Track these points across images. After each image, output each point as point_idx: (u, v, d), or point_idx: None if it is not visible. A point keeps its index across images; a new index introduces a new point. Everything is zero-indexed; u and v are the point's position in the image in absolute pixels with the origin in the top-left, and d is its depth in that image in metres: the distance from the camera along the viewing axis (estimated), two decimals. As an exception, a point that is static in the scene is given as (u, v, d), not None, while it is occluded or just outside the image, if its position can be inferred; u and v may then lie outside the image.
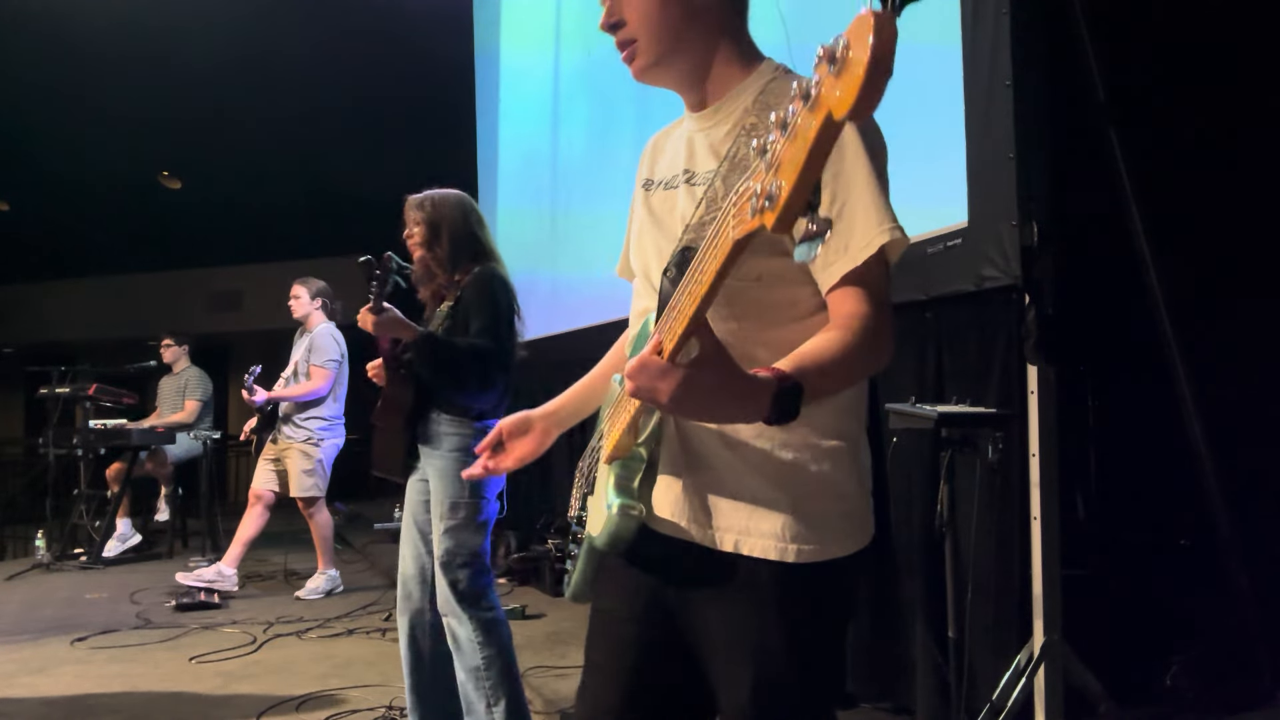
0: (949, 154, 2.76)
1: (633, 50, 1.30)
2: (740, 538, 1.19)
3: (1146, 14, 2.96)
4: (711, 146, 1.29)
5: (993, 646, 2.71)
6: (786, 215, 0.78)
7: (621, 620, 1.32)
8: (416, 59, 7.34)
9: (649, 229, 1.36)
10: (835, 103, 0.72)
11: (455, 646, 2.63)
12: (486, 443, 1.55)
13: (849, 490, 1.23)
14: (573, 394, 1.57)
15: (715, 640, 1.22)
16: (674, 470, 1.23)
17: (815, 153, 0.75)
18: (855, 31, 0.70)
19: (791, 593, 1.18)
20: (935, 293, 2.84)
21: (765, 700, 1.18)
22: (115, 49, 7.08)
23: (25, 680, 3.80)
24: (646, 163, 1.45)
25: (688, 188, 1.30)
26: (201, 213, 10.46)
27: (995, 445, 2.54)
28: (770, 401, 0.99)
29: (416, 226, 2.80)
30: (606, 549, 1.23)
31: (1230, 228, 2.96)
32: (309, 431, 5.42)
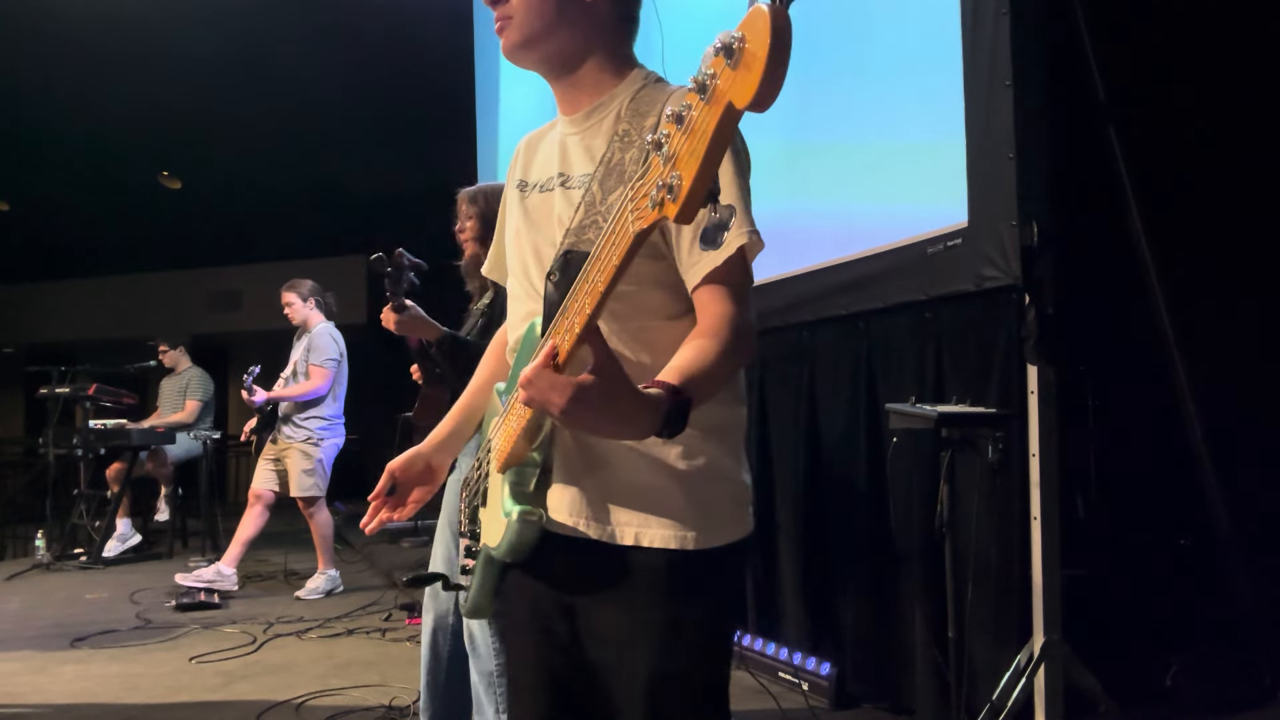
0: (949, 154, 2.76)
1: (506, 26, 1.31)
2: (640, 530, 1.21)
3: (1146, 14, 2.96)
4: (586, 150, 1.31)
5: (993, 647, 2.71)
6: (689, 205, 0.79)
7: (528, 630, 1.33)
8: (417, 58, 7.34)
9: (525, 231, 1.37)
10: (736, 94, 0.74)
11: (472, 648, 2.61)
12: (380, 489, 1.49)
13: (737, 475, 1.27)
14: (455, 415, 1.56)
15: (614, 635, 1.24)
16: (570, 471, 1.25)
17: (715, 143, 0.77)
18: (751, 26, 0.73)
19: (689, 580, 1.21)
20: (935, 293, 2.84)
21: (664, 688, 1.20)
22: (114, 48, 7.07)
23: (25, 680, 3.80)
24: (520, 164, 1.45)
25: (563, 190, 1.32)
26: (201, 213, 10.45)
27: (995, 445, 2.54)
28: (663, 418, 1.01)
29: (469, 220, 2.76)
30: (509, 558, 1.24)
31: (1230, 227, 2.96)
32: (309, 431, 5.42)
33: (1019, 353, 2.63)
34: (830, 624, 3.32)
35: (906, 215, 2.95)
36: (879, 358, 3.15)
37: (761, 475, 3.69)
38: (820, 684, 3.22)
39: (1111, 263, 2.89)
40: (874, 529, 3.10)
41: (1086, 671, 2.57)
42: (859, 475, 3.17)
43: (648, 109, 1.24)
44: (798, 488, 3.46)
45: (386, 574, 5.79)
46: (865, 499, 3.14)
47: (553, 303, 1.11)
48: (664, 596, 1.21)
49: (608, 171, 1.23)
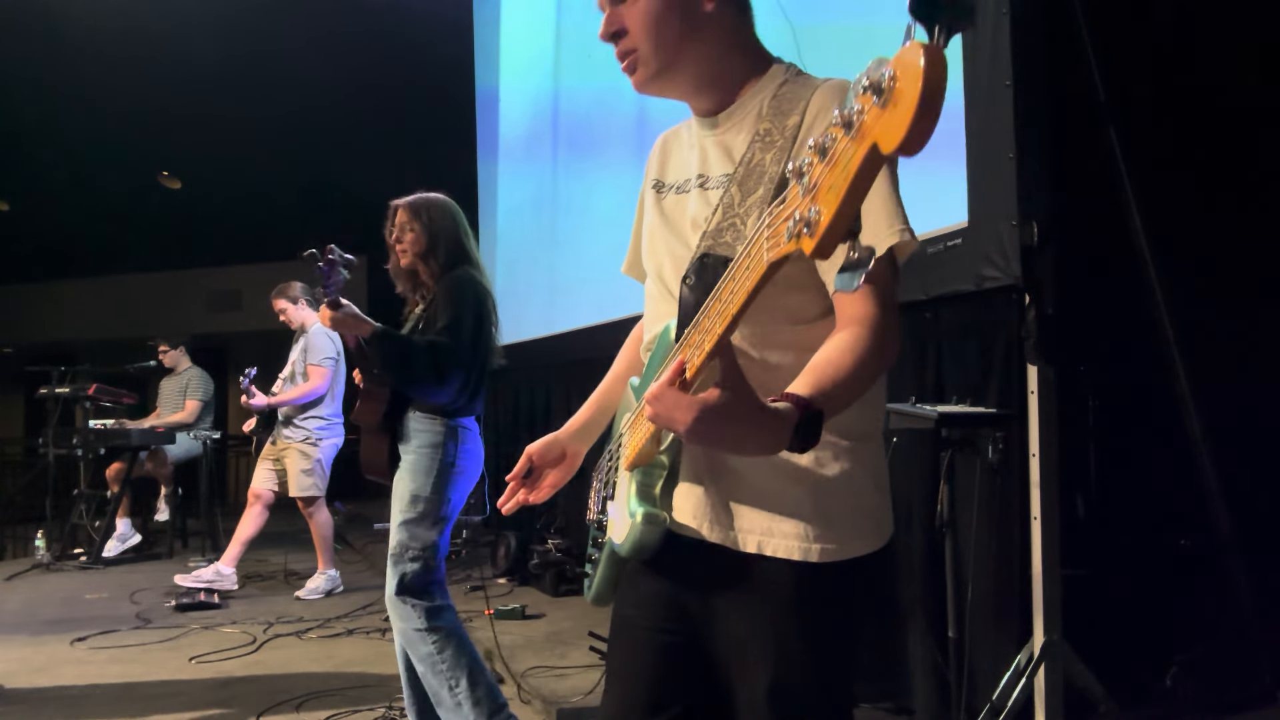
0: (949, 154, 2.76)
1: (633, 60, 1.27)
2: (763, 539, 1.19)
3: (1146, 14, 2.96)
4: (725, 151, 1.27)
5: (993, 646, 2.71)
6: (827, 242, 0.76)
7: (642, 629, 1.31)
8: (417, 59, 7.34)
9: (661, 232, 1.34)
10: (882, 136, 0.69)
11: (404, 640, 2.65)
12: (517, 471, 1.50)
13: (868, 488, 1.23)
14: (592, 404, 1.55)
15: (735, 642, 1.21)
16: (696, 475, 1.23)
17: (858, 183, 0.73)
18: (903, 64, 0.68)
19: (813, 593, 1.18)
20: (935, 293, 2.84)
21: (783, 701, 1.17)
22: (114, 48, 7.08)
23: (25, 680, 3.80)
24: (656, 163, 1.43)
25: (700, 191, 1.28)
26: (201, 213, 10.45)
27: (995, 445, 2.54)
28: (792, 433, 0.98)
29: (410, 233, 2.80)
30: (631, 556, 1.23)
31: (1230, 227, 2.96)
32: (307, 431, 5.42)
33: (1019, 353, 2.63)
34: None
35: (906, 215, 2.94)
36: (879, 358, 3.14)
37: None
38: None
39: (1111, 263, 2.89)
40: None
41: (1086, 671, 2.57)
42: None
43: (790, 107, 1.20)
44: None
45: (386, 574, 5.78)
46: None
47: (688, 307, 1.09)
48: (786, 607, 1.18)
49: (748, 172, 1.19)
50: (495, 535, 5.75)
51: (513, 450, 6.12)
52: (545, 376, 5.92)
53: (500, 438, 6.35)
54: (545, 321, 5.80)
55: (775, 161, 1.15)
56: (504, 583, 5.33)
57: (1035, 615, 2.58)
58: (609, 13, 1.27)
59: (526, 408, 6.23)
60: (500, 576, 5.39)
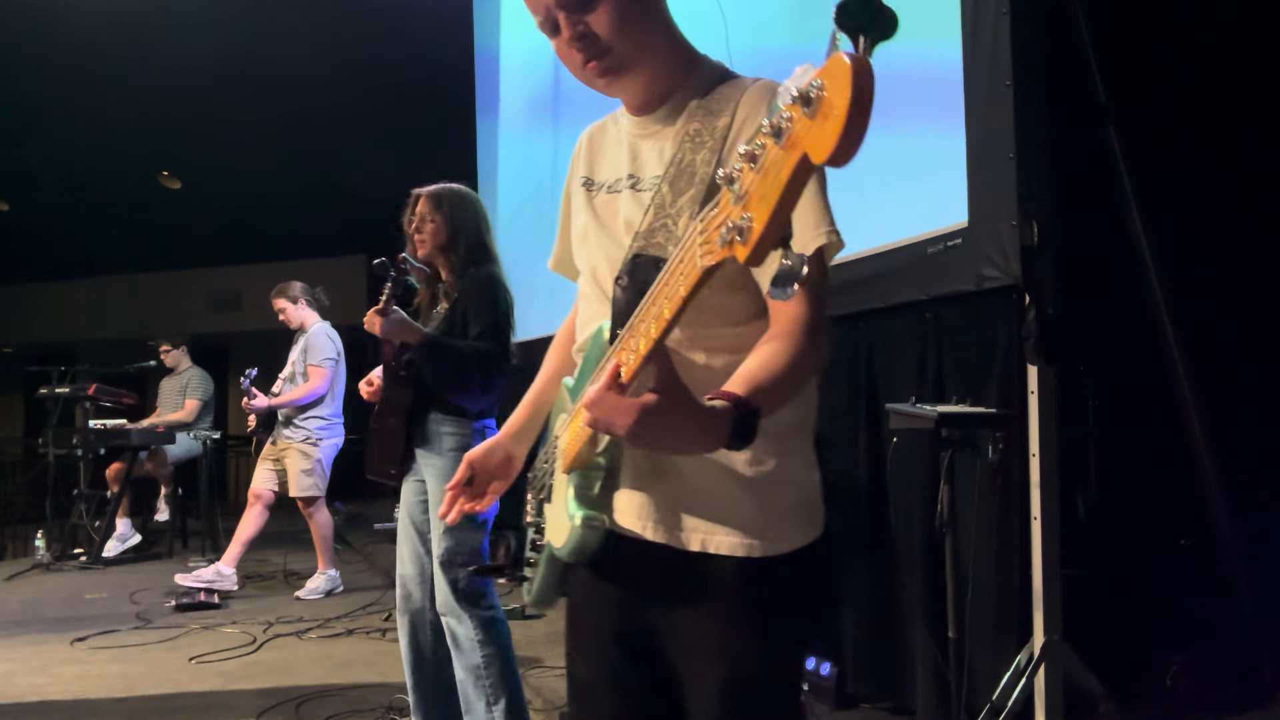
0: (949, 154, 2.76)
1: (608, 62, 1.23)
2: (706, 537, 1.20)
3: (1146, 14, 2.96)
4: (658, 152, 1.28)
5: (993, 646, 2.71)
6: (760, 250, 0.77)
7: (598, 631, 1.32)
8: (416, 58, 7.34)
9: (594, 232, 1.34)
10: (812, 147, 0.70)
11: (455, 646, 2.63)
12: (458, 479, 1.49)
13: (804, 480, 1.26)
14: (528, 405, 1.55)
15: (684, 641, 1.23)
16: (637, 476, 1.24)
17: (789, 192, 0.74)
18: (831, 75, 0.69)
19: (758, 587, 1.20)
20: (935, 293, 2.84)
21: (734, 695, 1.19)
22: (114, 49, 7.07)
23: (25, 680, 3.80)
24: (584, 159, 1.42)
25: (632, 193, 1.29)
26: (201, 213, 10.45)
27: (995, 445, 2.54)
28: (729, 431, 1.00)
29: (430, 224, 2.73)
30: (570, 559, 1.24)
31: (1230, 227, 2.96)
32: (307, 431, 5.42)
33: (1019, 353, 2.63)
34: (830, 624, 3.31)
35: (906, 215, 2.94)
36: (879, 358, 3.15)
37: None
38: (820, 684, 3.22)
39: (1111, 263, 2.89)
40: (874, 529, 3.10)
41: (1086, 671, 2.57)
42: (859, 475, 3.16)
43: (719, 108, 1.21)
44: (798, 488, 3.46)
45: (387, 574, 5.78)
46: (865, 499, 3.14)
47: (620, 307, 1.09)
48: (734, 603, 1.20)
49: (679, 173, 1.20)
50: (495, 535, 5.75)
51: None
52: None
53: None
54: (545, 321, 5.78)
55: (706, 162, 1.17)
56: (504, 583, 5.33)
57: (1035, 615, 2.58)
58: (566, 19, 1.22)
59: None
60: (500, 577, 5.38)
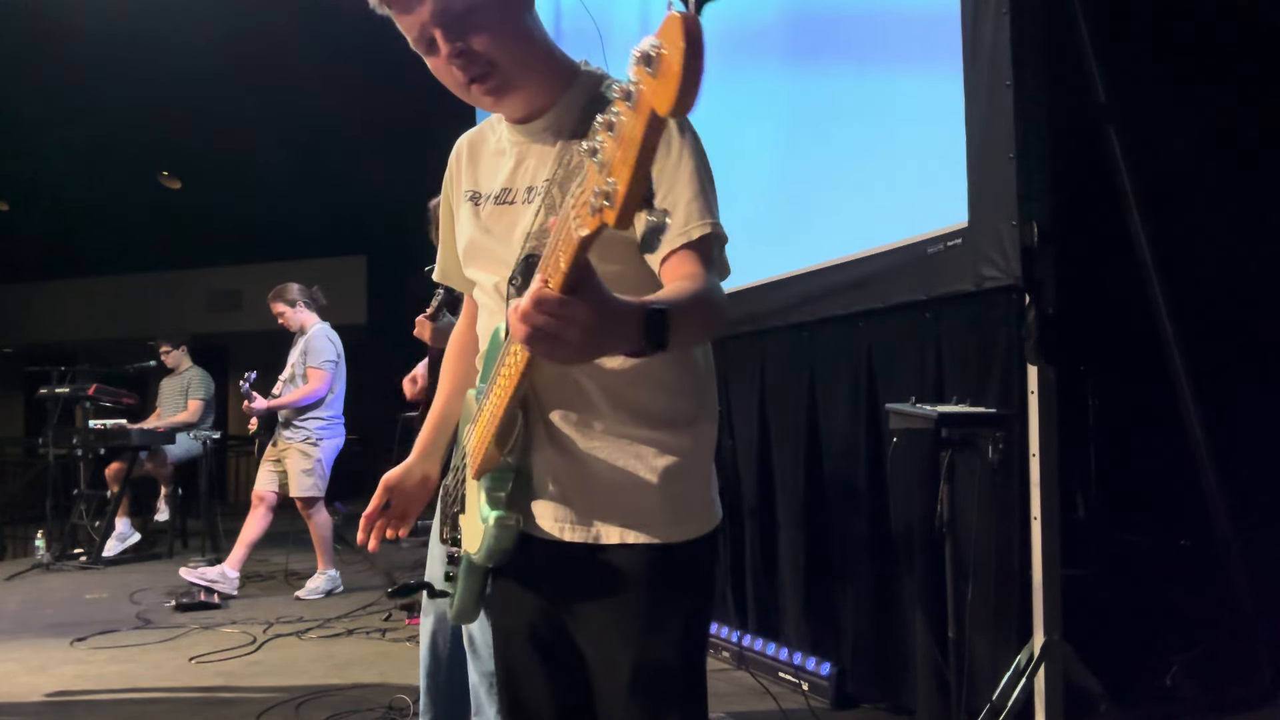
0: (949, 154, 2.76)
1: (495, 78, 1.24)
2: (622, 530, 1.23)
3: (1146, 14, 2.96)
4: (545, 158, 1.29)
5: (993, 647, 2.71)
6: (625, 211, 0.80)
7: (518, 633, 1.34)
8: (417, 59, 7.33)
9: (484, 244, 1.34)
10: (657, 101, 0.74)
11: (471, 650, 2.59)
12: (373, 507, 1.48)
13: (706, 469, 1.30)
14: (432, 423, 1.56)
15: (596, 634, 1.26)
16: (547, 475, 1.26)
17: (644, 150, 0.77)
18: (666, 33, 0.73)
19: (670, 574, 1.24)
20: (935, 293, 2.84)
21: (646, 682, 1.21)
22: (115, 48, 7.07)
23: (25, 680, 3.80)
24: (464, 171, 1.42)
25: (528, 205, 1.29)
26: (201, 213, 10.45)
27: (995, 445, 2.54)
28: (641, 325, 0.96)
29: None
30: (488, 563, 1.26)
31: (1230, 227, 2.97)
32: (308, 432, 5.42)
33: (1019, 353, 2.63)
34: (830, 624, 3.31)
35: (906, 215, 2.94)
36: (879, 358, 3.15)
37: (762, 475, 3.69)
38: (820, 684, 3.22)
39: (1111, 263, 2.89)
40: (874, 529, 3.10)
41: (1086, 671, 2.57)
42: (859, 475, 3.17)
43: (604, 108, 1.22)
44: (798, 488, 3.46)
45: (386, 574, 5.79)
46: (865, 499, 3.14)
47: None
48: (646, 591, 1.23)
49: (567, 174, 1.22)
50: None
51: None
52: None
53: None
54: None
55: None
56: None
57: (1035, 615, 2.58)
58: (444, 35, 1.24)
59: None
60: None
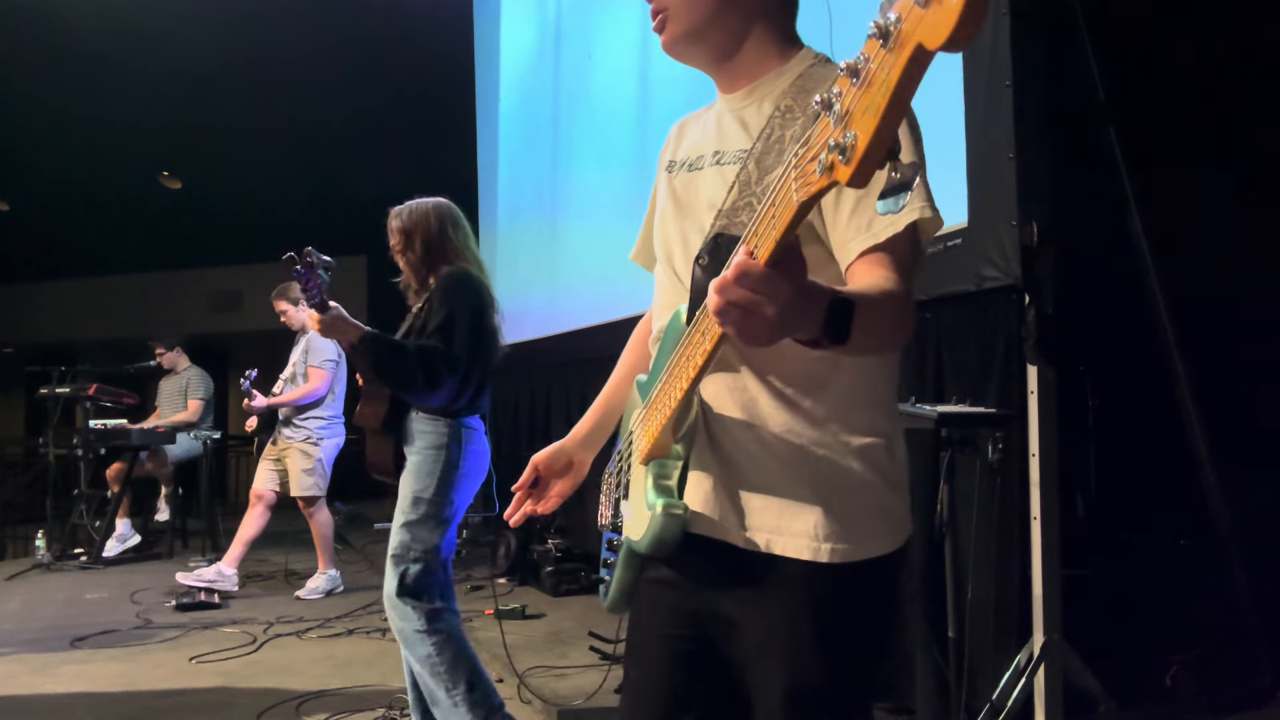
0: (949, 154, 2.76)
1: (663, 19, 1.24)
2: (772, 537, 1.16)
3: (1146, 14, 2.96)
4: (744, 125, 1.23)
5: (993, 646, 2.71)
6: (865, 165, 0.72)
7: (658, 636, 1.28)
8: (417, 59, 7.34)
9: (671, 214, 1.30)
10: (926, 35, 0.66)
11: (402, 640, 2.63)
12: (524, 481, 1.47)
13: (882, 487, 1.18)
14: (597, 410, 1.51)
15: (748, 643, 1.19)
16: (704, 468, 1.19)
17: (900, 92, 0.69)
18: None
19: (825, 593, 1.15)
20: (935, 293, 2.84)
21: (799, 703, 1.15)
22: (115, 49, 7.07)
23: (25, 680, 3.80)
24: (671, 145, 1.39)
25: (716, 168, 1.24)
26: (201, 213, 10.44)
27: (995, 445, 2.54)
28: (824, 312, 0.91)
29: (393, 237, 2.84)
30: (651, 551, 1.19)
31: (1230, 227, 2.96)
32: (308, 431, 5.42)
33: (1019, 353, 2.63)
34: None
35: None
36: (879, 358, 3.14)
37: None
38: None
39: (1111, 263, 2.89)
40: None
41: (1086, 671, 2.57)
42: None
43: (814, 86, 1.16)
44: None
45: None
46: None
47: (700, 288, 1.01)
48: (799, 609, 1.15)
49: (766, 148, 1.15)
50: (495, 535, 5.76)
51: (513, 450, 6.11)
52: (546, 376, 5.92)
53: (501, 438, 6.35)
54: (545, 321, 5.81)
55: (796, 139, 1.08)
56: (504, 582, 5.33)
57: (1035, 615, 2.58)
58: None
59: (527, 408, 6.23)
60: (500, 576, 5.39)
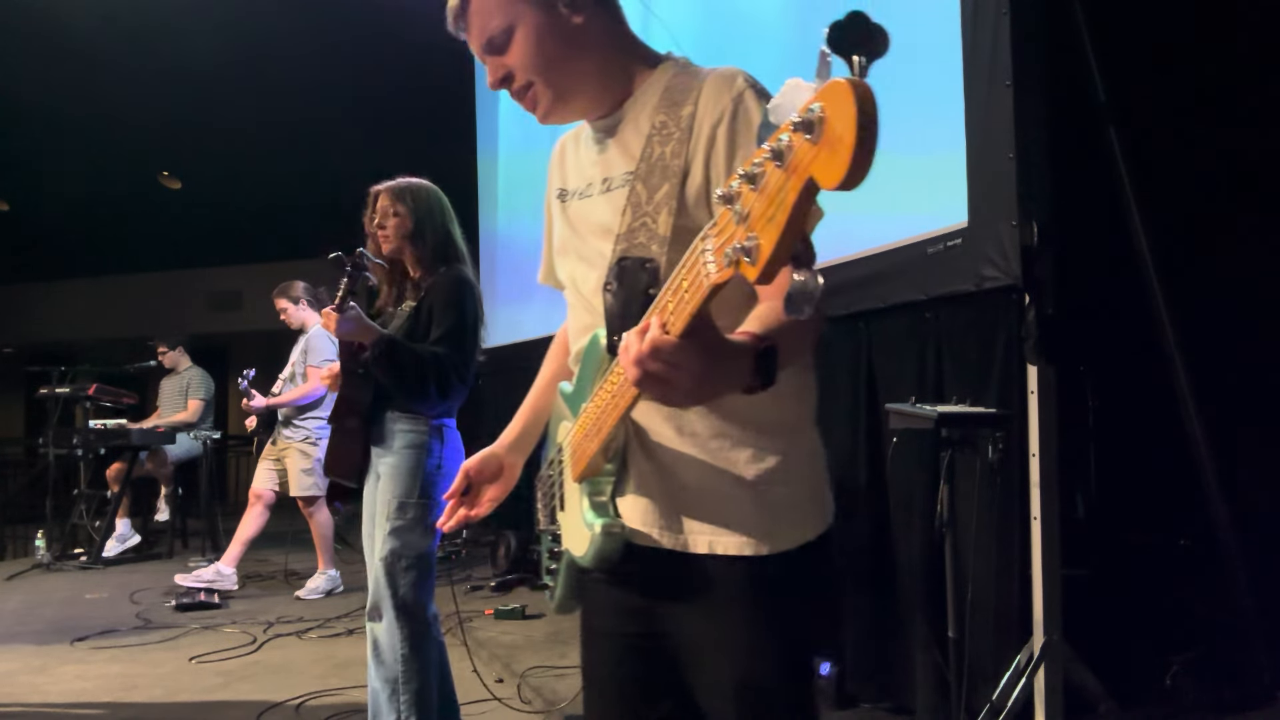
0: (949, 154, 2.76)
1: (533, 96, 1.28)
2: (712, 539, 1.20)
3: (1146, 14, 2.96)
4: (625, 148, 1.28)
5: (993, 646, 2.71)
6: (769, 270, 0.77)
7: (610, 636, 1.33)
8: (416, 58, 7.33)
9: (570, 243, 1.36)
10: (819, 173, 0.70)
11: (375, 653, 2.54)
12: (456, 488, 1.50)
13: (808, 475, 1.25)
14: (524, 415, 1.56)
15: (695, 644, 1.23)
16: (640, 480, 1.24)
17: (795, 214, 0.74)
18: (832, 101, 0.69)
19: (767, 586, 1.19)
20: (935, 293, 2.84)
21: (749, 695, 1.19)
22: (115, 49, 7.07)
23: (25, 680, 3.80)
24: (557, 170, 1.44)
25: (606, 195, 1.29)
26: (201, 213, 10.44)
27: (995, 445, 2.54)
28: (752, 364, 0.97)
29: (394, 218, 2.67)
30: (593, 566, 1.23)
31: (1230, 227, 2.96)
32: (307, 431, 5.42)
33: (1019, 353, 2.63)
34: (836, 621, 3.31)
35: (906, 215, 2.94)
36: (879, 358, 3.14)
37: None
38: (820, 684, 3.22)
39: (1111, 263, 2.89)
40: (874, 529, 3.10)
41: (1086, 671, 2.57)
42: (859, 475, 3.17)
43: (682, 98, 1.21)
44: (798, 488, 3.46)
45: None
46: (865, 499, 3.14)
47: (613, 314, 1.09)
48: (743, 604, 1.19)
49: (649, 169, 1.20)
50: (495, 535, 5.76)
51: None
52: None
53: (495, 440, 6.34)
54: (545, 321, 5.80)
55: (675, 155, 1.18)
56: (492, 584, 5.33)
57: (1035, 615, 2.58)
58: (491, 62, 1.28)
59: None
60: (501, 576, 5.39)
